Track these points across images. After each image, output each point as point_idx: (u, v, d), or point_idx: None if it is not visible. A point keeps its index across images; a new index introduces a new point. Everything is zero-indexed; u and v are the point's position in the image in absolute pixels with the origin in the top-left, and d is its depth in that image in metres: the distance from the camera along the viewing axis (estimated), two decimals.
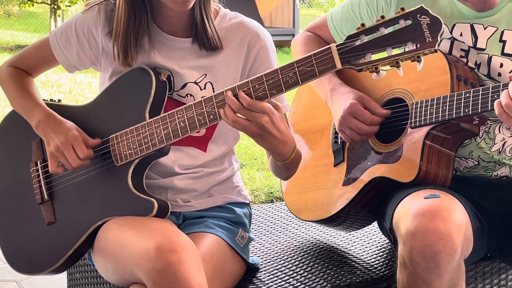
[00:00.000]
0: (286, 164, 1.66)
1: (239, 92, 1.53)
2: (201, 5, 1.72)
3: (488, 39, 1.80)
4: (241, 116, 1.54)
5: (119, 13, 1.72)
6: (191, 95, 1.76)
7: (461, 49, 1.84)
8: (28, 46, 1.94)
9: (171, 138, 1.64)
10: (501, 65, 1.79)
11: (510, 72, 1.77)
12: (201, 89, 1.76)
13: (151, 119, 1.66)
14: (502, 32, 1.78)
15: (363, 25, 1.44)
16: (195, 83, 1.76)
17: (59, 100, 1.92)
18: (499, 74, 1.79)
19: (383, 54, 1.44)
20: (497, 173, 1.87)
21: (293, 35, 11.40)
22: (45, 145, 1.75)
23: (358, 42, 1.44)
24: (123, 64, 1.74)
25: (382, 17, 1.43)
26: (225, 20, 1.80)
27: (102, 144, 1.73)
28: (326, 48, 1.47)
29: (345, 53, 1.45)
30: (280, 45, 11.29)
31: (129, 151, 1.69)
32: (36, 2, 12.99)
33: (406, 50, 1.42)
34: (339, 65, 1.46)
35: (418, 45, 1.41)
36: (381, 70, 1.44)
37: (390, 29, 1.43)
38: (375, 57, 1.44)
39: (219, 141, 1.82)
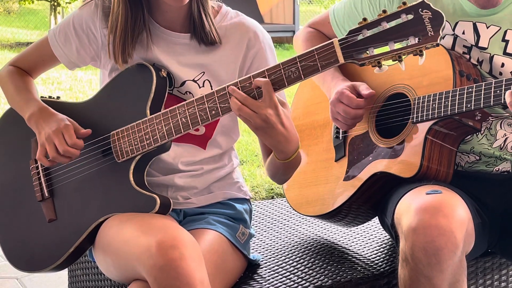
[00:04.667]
0: (286, 163, 1.64)
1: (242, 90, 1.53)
2: (198, 1, 1.72)
3: (490, 38, 1.79)
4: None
5: (114, 11, 1.72)
6: (190, 92, 1.76)
7: (464, 46, 1.83)
8: (29, 46, 1.94)
9: (172, 134, 1.64)
10: (503, 65, 1.78)
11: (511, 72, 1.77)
12: (199, 87, 1.76)
13: (152, 115, 1.66)
14: (505, 32, 1.78)
15: (365, 19, 1.44)
16: (194, 81, 1.76)
17: (58, 97, 1.92)
18: (500, 73, 1.79)
19: (385, 49, 1.44)
20: (499, 168, 1.87)
21: (293, 32, 11.39)
22: (37, 137, 1.75)
23: (360, 37, 1.44)
24: (119, 63, 1.73)
25: (384, 11, 1.43)
26: (226, 19, 1.80)
27: (103, 140, 1.73)
28: (329, 42, 1.47)
29: (347, 47, 1.45)
30: (280, 41, 11.28)
31: (130, 147, 1.68)
32: None
33: (408, 44, 1.41)
34: (341, 60, 1.46)
35: (420, 39, 1.41)
36: (383, 64, 1.44)
37: (392, 24, 1.43)
38: (377, 51, 1.44)
39: (218, 141, 1.81)
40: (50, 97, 1.90)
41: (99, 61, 1.83)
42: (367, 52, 1.44)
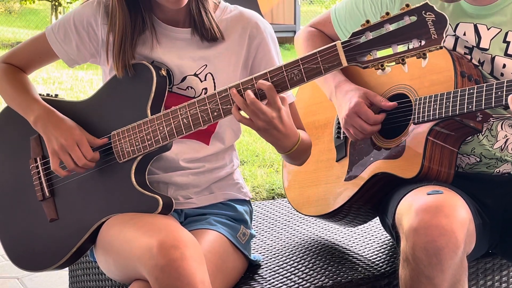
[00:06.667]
0: (288, 155, 1.69)
1: (244, 91, 1.53)
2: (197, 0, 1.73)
3: (491, 39, 1.79)
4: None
5: (113, 14, 1.71)
6: (191, 87, 1.76)
7: (465, 47, 1.83)
8: (21, 43, 1.91)
9: (174, 135, 1.64)
10: (504, 66, 1.78)
11: None
12: (201, 81, 1.76)
13: (154, 116, 1.66)
14: (507, 33, 1.78)
15: (368, 21, 1.44)
16: (195, 75, 1.76)
17: (56, 95, 1.90)
18: (502, 74, 1.79)
19: (388, 51, 1.43)
20: (499, 170, 1.87)
21: (294, 32, 11.39)
22: (46, 142, 1.74)
23: (363, 39, 1.44)
24: (119, 73, 1.71)
25: (387, 13, 1.43)
26: (225, 12, 1.80)
27: None
28: (332, 45, 1.47)
29: (350, 50, 1.45)
30: (281, 41, 11.28)
31: (132, 148, 1.68)
32: None
33: (411, 47, 1.41)
34: (344, 63, 1.46)
35: (424, 42, 1.40)
36: (387, 66, 1.44)
37: (395, 26, 1.43)
38: (380, 53, 1.43)
39: (221, 135, 1.81)
40: (48, 94, 1.88)
41: (98, 58, 1.82)
42: (370, 54, 1.44)
